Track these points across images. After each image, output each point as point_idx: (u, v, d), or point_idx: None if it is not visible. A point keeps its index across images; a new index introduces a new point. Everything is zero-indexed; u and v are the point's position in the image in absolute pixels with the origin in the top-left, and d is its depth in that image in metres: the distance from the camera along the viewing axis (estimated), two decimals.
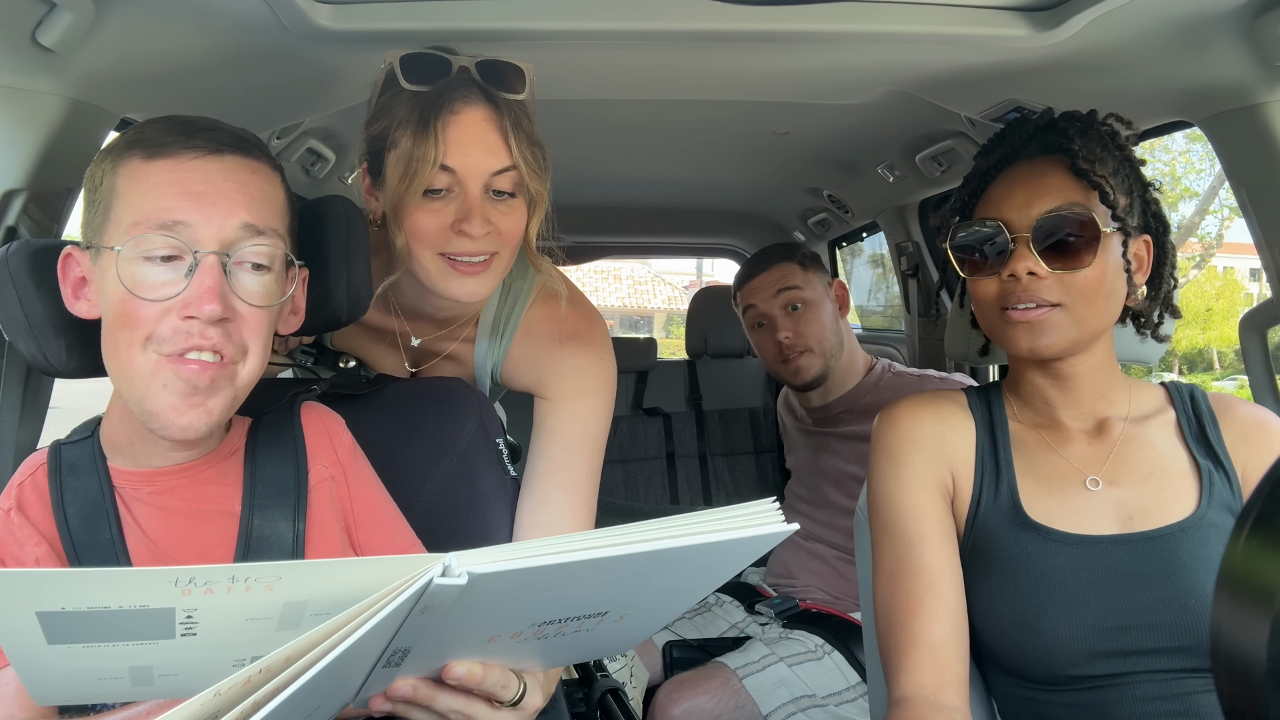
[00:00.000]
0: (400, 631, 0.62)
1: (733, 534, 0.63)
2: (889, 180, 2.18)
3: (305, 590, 0.61)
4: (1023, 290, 1.01)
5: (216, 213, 0.83)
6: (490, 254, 1.10)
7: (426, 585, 0.57)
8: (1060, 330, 1.01)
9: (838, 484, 2.07)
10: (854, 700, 1.80)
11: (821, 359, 2.05)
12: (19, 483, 0.90)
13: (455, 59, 1.08)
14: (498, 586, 0.60)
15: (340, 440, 1.02)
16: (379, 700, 0.72)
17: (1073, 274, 1.00)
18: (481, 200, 1.07)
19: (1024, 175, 1.04)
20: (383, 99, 1.11)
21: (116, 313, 0.83)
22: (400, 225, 1.09)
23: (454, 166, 1.06)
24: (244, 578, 0.58)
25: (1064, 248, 1.00)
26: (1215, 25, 1.09)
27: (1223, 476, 1.03)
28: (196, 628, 0.61)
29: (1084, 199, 1.01)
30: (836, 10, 1.14)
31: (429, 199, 1.07)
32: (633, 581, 0.68)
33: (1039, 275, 1.00)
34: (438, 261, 1.10)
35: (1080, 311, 1.01)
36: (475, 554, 0.59)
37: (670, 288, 23.37)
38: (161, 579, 0.57)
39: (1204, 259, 14.15)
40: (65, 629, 0.59)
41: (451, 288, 1.11)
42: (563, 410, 1.23)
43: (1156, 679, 0.95)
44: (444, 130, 1.05)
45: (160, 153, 0.84)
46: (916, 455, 1.09)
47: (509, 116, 1.08)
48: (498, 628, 0.68)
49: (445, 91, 1.06)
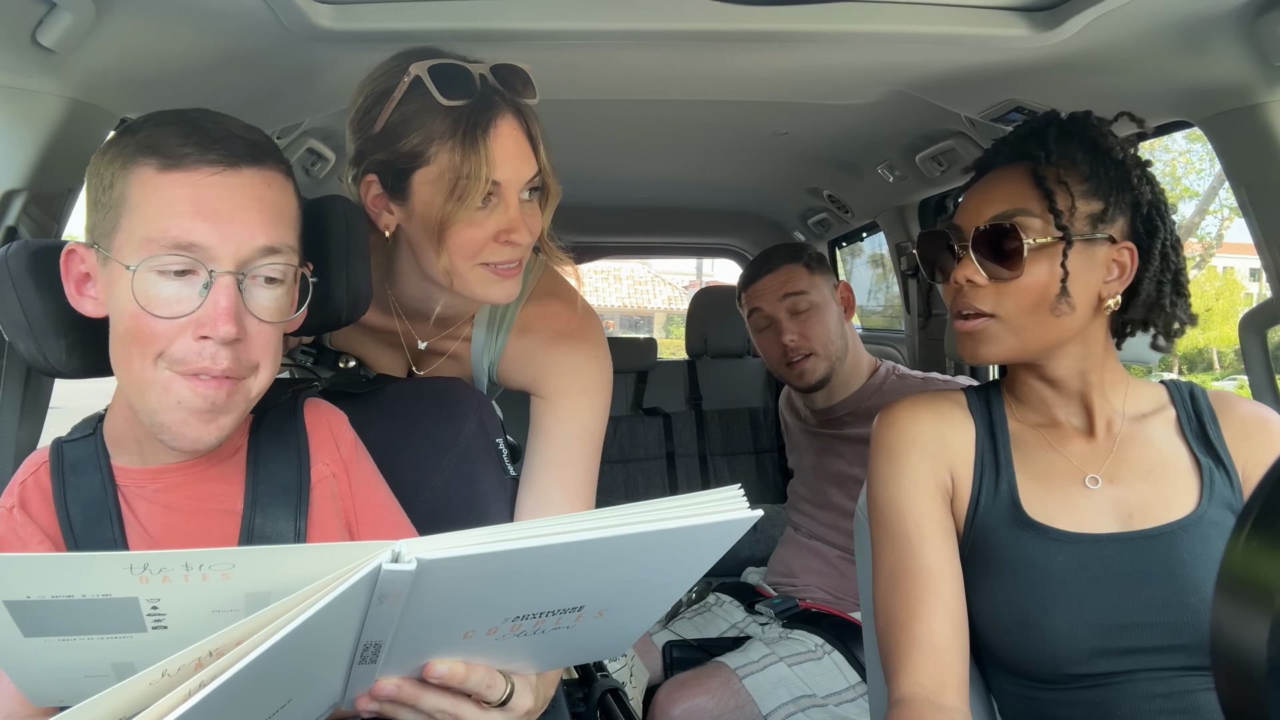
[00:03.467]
0: (366, 624, 0.62)
1: (692, 520, 0.61)
2: (889, 180, 2.18)
3: (264, 579, 0.61)
4: (963, 298, 1.03)
5: (234, 233, 0.82)
6: (522, 257, 1.12)
7: (376, 572, 0.57)
8: (997, 340, 1.02)
9: (841, 486, 2.06)
10: (854, 700, 1.80)
11: (826, 362, 2.04)
12: (21, 480, 0.90)
13: (473, 67, 1.07)
14: (451, 574, 0.60)
15: (343, 436, 1.02)
16: (365, 700, 0.72)
17: (1006, 283, 1.01)
18: (519, 207, 1.09)
19: (986, 183, 1.06)
20: (406, 111, 1.05)
21: (129, 328, 0.83)
22: (442, 241, 1.06)
23: (501, 180, 1.06)
24: (198, 564, 0.59)
25: (999, 255, 1.01)
26: (1215, 25, 1.09)
27: (1223, 474, 1.03)
28: (166, 620, 0.61)
29: (1037, 206, 1.00)
30: (836, 10, 1.14)
31: (474, 212, 1.07)
32: (599, 572, 0.67)
33: (976, 283, 1.02)
34: (478, 271, 1.10)
35: (1017, 322, 1.01)
36: (427, 540, 0.59)
37: (670, 288, 23.38)
38: (115, 564, 0.58)
39: (1204, 259, 14.15)
40: (36, 620, 0.60)
41: (492, 293, 1.12)
42: (559, 408, 1.23)
43: (1157, 677, 0.96)
44: (489, 145, 1.04)
45: (175, 165, 0.82)
46: (916, 455, 1.09)
47: (533, 121, 1.09)
48: (470, 623, 0.68)
49: (484, 104, 1.05)
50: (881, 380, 2.09)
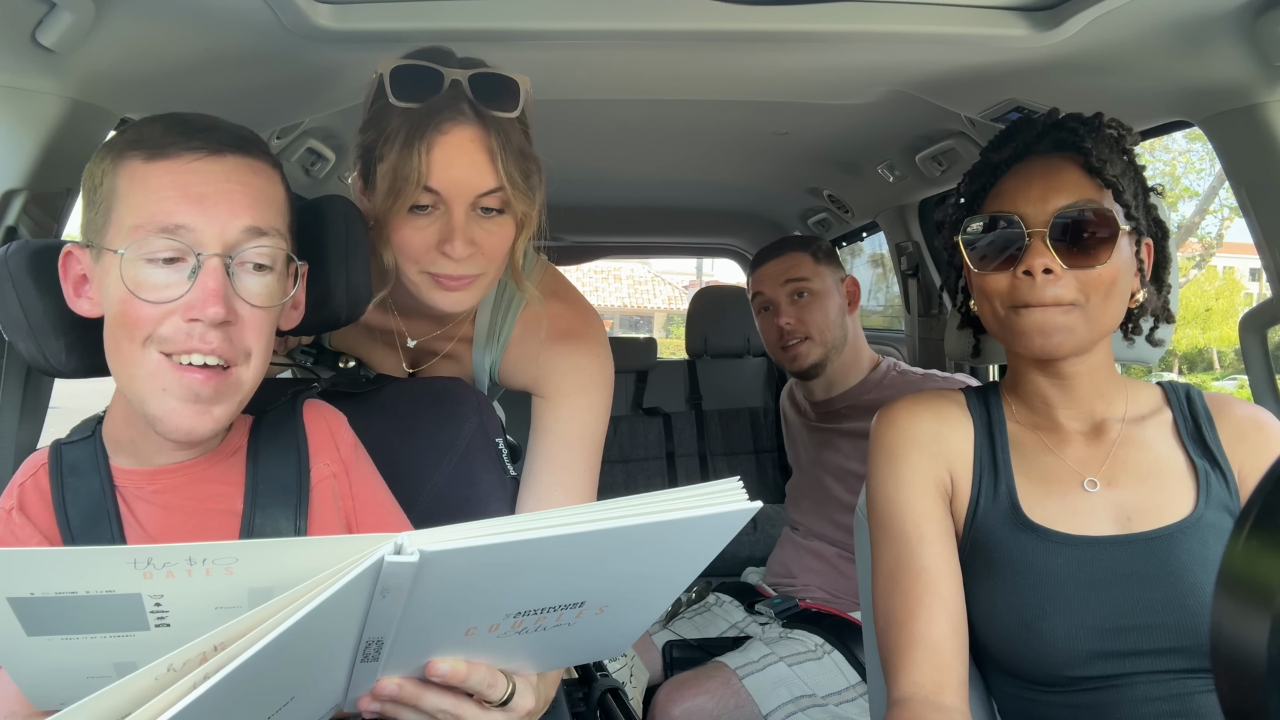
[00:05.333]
0: (368, 620, 0.62)
1: (693, 512, 0.62)
2: (889, 180, 2.19)
3: (267, 574, 0.61)
4: (1037, 288, 0.99)
5: (219, 215, 0.83)
6: (474, 275, 1.10)
7: (379, 564, 0.57)
8: (1072, 331, 1.00)
9: (840, 480, 2.07)
10: (854, 700, 1.80)
11: (821, 348, 2.06)
12: (20, 482, 0.90)
13: (448, 72, 1.06)
14: (454, 566, 0.60)
15: (342, 437, 1.02)
16: (367, 700, 0.72)
17: (1088, 271, 0.99)
18: (466, 220, 1.06)
19: (1040, 170, 1.03)
20: (374, 108, 1.10)
21: (118, 313, 0.84)
22: (386, 239, 1.08)
23: (438, 188, 1.04)
24: (201, 559, 0.59)
25: (1080, 244, 0.99)
26: (1215, 25, 1.09)
27: (1219, 477, 1.03)
28: (169, 617, 0.61)
29: (1098, 197, 1.00)
30: (836, 10, 1.14)
31: (414, 215, 1.06)
32: (600, 566, 0.67)
33: (1055, 273, 0.99)
34: (423, 277, 1.10)
35: (1094, 310, 1.00)
36: (429, 533, 0.59)
37: (670, 288, 23.37)
38: (119, 558, 0.58)
39: (1204, 259, 14.14)
40: (40, 618, 0.60)
41: (437, 300, 1.11)
42: (560, 409, 1.23)
43: (1156, 679, 0.95)
44: (429, 150, 1.03)
45: (161, 154, 0.84)
46: (915, 455, 1.09)
47: (498, 135, 1.05)
48: (472, 619, 0.68)
49: (434, 110, 1.04)
50: (882, 376, 2.10)
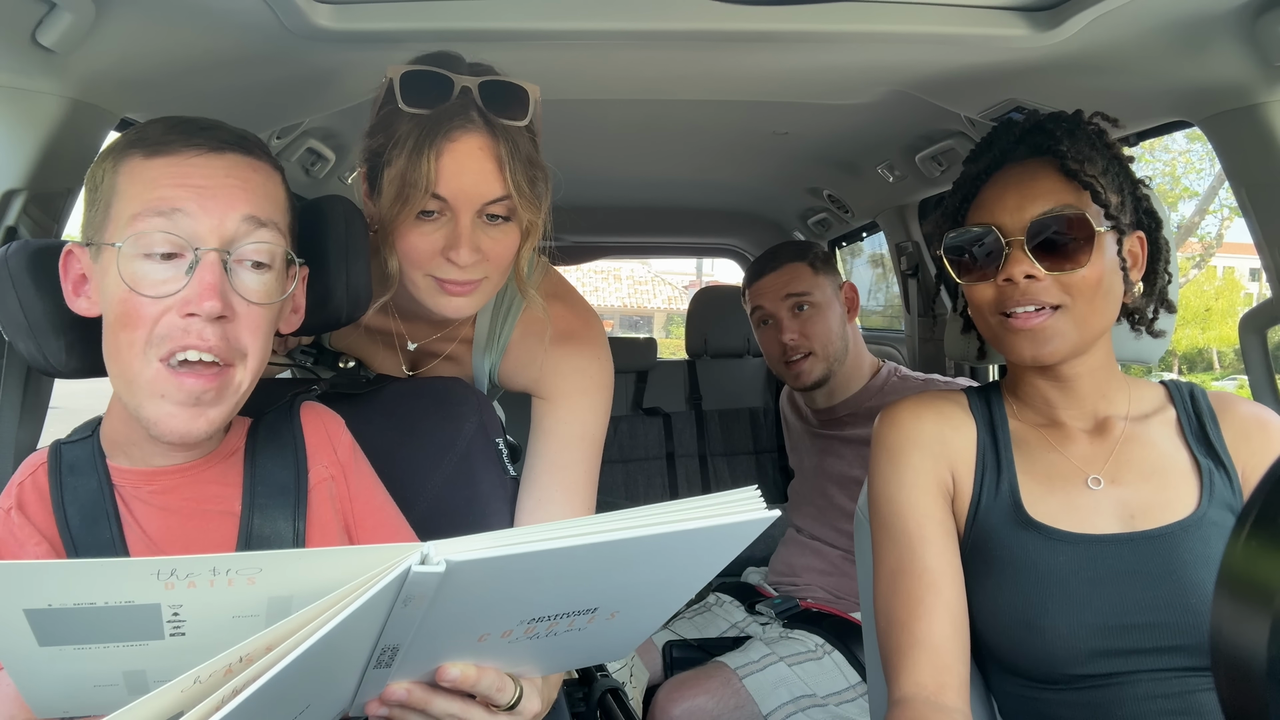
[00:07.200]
0: (386, 628, 0.62)
1: (714, 521, 0.62)
2: (889, 180, 2.19)
3: (288, 584, 0.61)
4: (1021, 294, 1.01)
5: (217, 205, 0.84)
6: (479, 280, 1.10)
7: (405, 574, 0.57)
8: (1062, 335, 1.01)
9: (842, 487, 2.07)
10: (854, 700, 1.80)
11: (824, 363, 2.04)
12: (19, 482, 0.90)
13: (458, 79, 1.06)
14: (478, 576, 0.60)
15: (340, 440, 1.02)
16: (375, 705, 0.72)
17: (1070, 274, 1.00)
18: (472, 228, 1.06)
19: (1015, 178, 1.04)
20: (383, 112, 1.10)
21: (118, 312, 0.83)
22: (391, 244, 1.08)
23: (445, 195, 1.05)
24: (225, 569, 0.58)
25: (1059, 249, 1.00)
26: (1215, 25, 1.09)
27: (1223, 475, 1.03)
28: (185, 626, 0.61)
29: (1076, 199, 1.01)
30: (836, 10, 1.14)
31: (420, 221, 1.07)
32: (618, 573, 0.67)
33: (1036, 278, 1.00)
34: (427, 280, 1.10)
35: (1081, 312, 1.01)
36: (454, 542, 0.59)
37: (670, 288, 23.38)
38: (143, 570, 0.57)
39: (1204, 259, 14.15)
40: (55, 629, 0.59)
41: (440, 305, 1.11)
42: (560, 410, 1.23)
43: (1158, 678, 0.95)
44: (438, 157, 1.03)
45: (161, 150, 0.84)
46: (917, 455, 1.09)
47: (507, 143, 1.06)
48: (487, 625, 0.68)
49: (444, 117, 1.04)
50: (883, 381, 2.09)
